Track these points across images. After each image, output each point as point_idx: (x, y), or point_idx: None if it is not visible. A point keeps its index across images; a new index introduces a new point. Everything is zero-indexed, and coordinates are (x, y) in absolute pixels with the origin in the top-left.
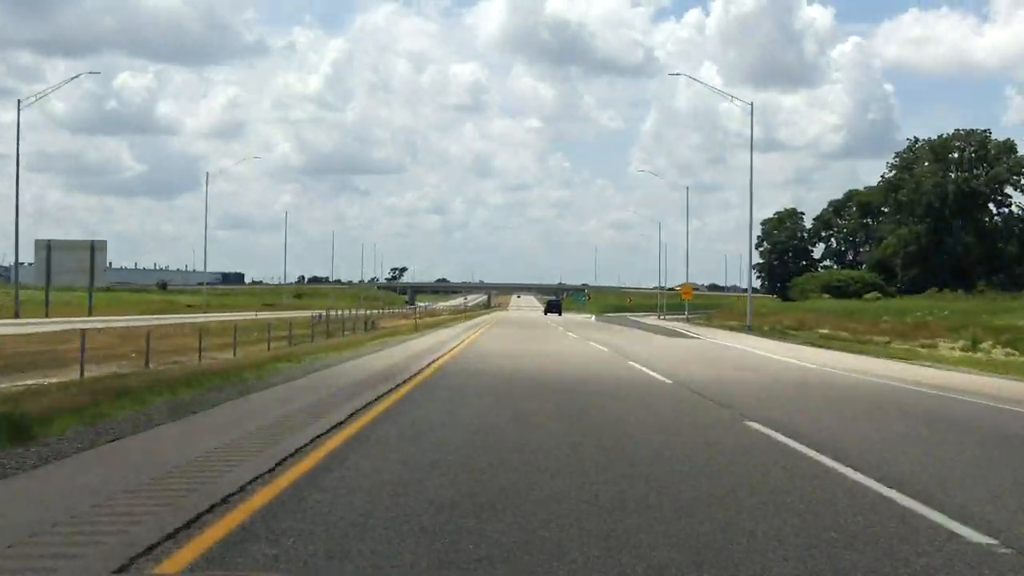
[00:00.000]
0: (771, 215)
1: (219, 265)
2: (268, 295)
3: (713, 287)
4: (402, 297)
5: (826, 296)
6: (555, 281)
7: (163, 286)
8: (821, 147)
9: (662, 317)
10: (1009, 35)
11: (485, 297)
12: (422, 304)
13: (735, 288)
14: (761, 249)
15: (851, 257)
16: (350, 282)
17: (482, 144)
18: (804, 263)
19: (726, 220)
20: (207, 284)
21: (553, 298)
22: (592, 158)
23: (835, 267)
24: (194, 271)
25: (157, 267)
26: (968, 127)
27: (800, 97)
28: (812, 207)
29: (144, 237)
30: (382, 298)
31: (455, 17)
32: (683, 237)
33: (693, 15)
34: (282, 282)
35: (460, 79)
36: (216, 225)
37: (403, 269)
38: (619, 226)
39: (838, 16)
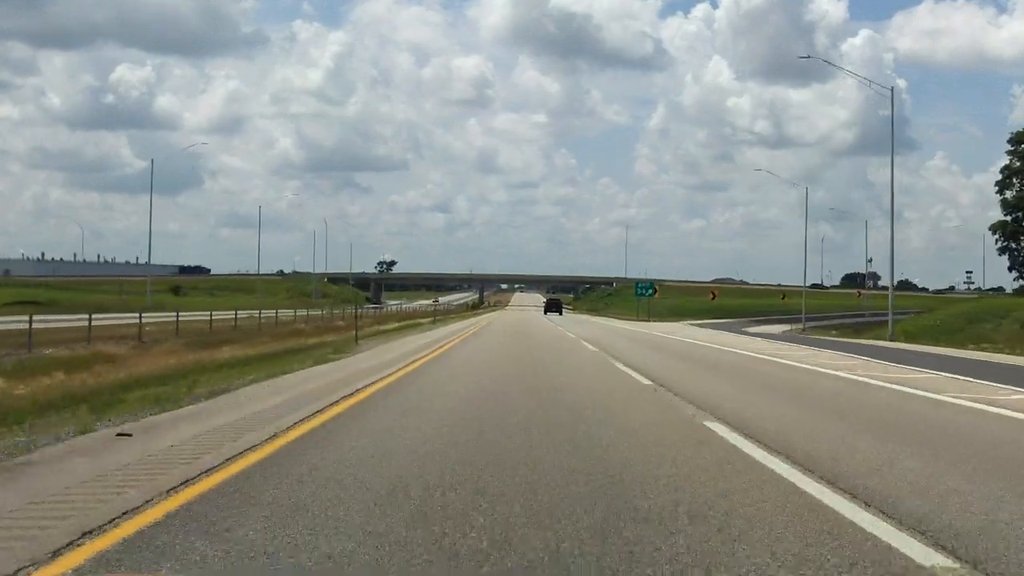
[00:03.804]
0: None
1: (223, 263)
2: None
3: (816, 286)
4: (364, 294)
5: None
6: (571, 273)
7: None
8: (832, 143)
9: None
10: None
11: (476, 294)
12: (393, 303)
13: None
14: (1006, 197)
15: None
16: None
17: (486, 140)
18: None
19: (732, 219)
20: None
21: (553, 296)
22: (598, 153)
23: None
24: (141, 264)
25: (114, 260)
26: (978, 120)
27: (811, 92)
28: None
29: (142, 235)
30: (332, 295)
31: (458, 9)
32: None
33: (701, 8)
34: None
35: (464, 73)
36: (217, 223)
37: (392, 263)
38: (627, 221)
39: (850, 8)
